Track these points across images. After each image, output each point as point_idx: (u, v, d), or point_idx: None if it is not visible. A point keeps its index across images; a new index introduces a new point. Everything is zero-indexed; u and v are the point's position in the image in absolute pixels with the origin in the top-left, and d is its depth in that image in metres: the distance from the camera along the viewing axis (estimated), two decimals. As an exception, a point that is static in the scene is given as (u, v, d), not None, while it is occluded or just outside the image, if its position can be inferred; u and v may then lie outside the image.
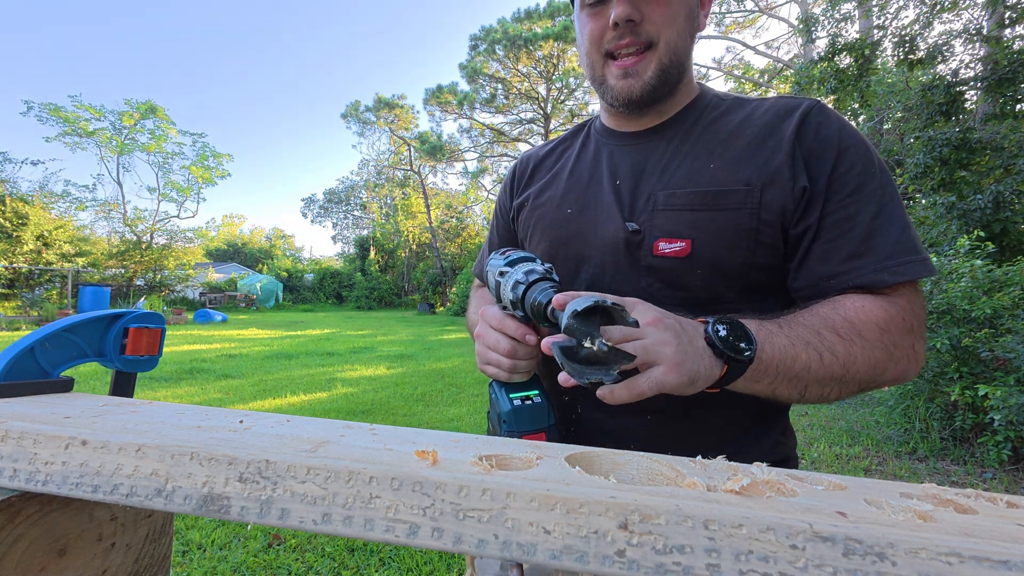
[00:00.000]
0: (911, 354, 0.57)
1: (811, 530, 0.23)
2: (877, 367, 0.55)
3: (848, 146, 0.62)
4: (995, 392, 2.84)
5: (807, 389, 0.55)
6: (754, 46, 18.53)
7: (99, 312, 0.56)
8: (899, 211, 0.60)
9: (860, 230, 0.59)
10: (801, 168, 0.61)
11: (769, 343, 0.53)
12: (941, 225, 5.13)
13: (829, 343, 0.54)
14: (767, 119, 0.66)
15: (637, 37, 0.65)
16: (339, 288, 28.24)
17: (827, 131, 0.63)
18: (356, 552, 2.16)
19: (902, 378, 0.58)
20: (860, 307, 0.57)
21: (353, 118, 28.67)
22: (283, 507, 0.29)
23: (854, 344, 0.55)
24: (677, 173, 0.67)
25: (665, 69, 0.67)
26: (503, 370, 0.64)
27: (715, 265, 0.63)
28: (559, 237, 0.75)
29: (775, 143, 0.63)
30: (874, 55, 6.35)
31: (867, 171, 0.61)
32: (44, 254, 16.32)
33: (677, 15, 0.66)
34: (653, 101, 0.70)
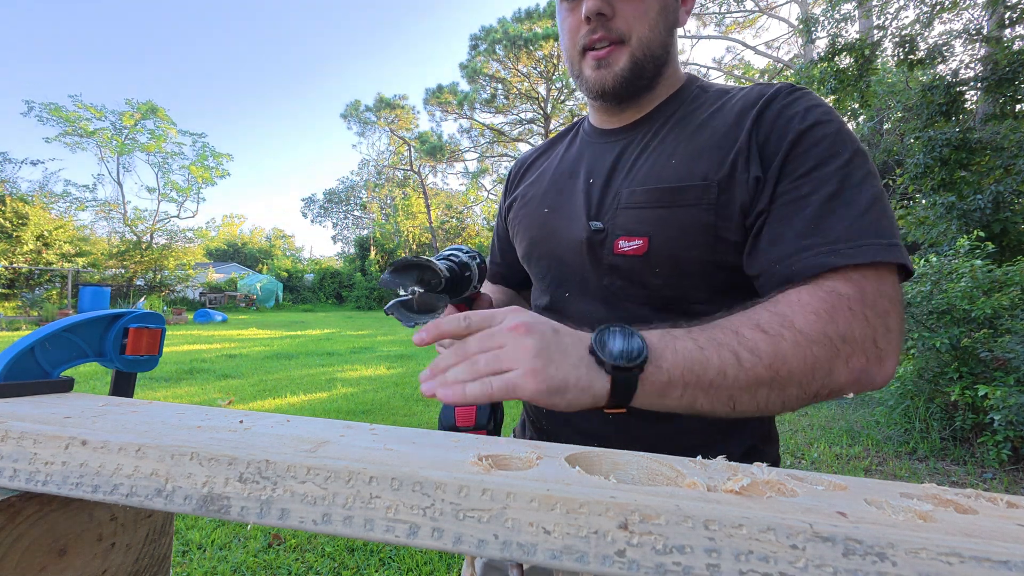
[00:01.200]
0: (871, 350, 0.49)
1: (811, 530, 0.23)
2: (819, 365, 0.48)
3: (811, 124, 0.57)
4: (995, 392, 2.84)
5: (734, 399, 0.48)
6: (754, 46, 18.53)
7: (99, 312, 0.56)
8: (863, 194, 0.53)
9: (811, 211, 0.54)
10: (755, 155, 0.58)
11: (670, 349, 0.47)
12: (941, 225, 5.13)
13: (749, 342, 0.48)
14: (736, 109, 0.63)
15: (609, 32, 0.65)
16: (339, 288, 28.24)
17: (790, 112, 0.59)
18: (356, 552, 2.16)
19: (865, 380, 0.49)
20: (797, 299, 0.50)
21: (353, 118, 28.68)
22: (283, 507, 0.29)
23: (782, 340, 0.48)
24: (642, 170, 0.67)
25: (638, 63, 0.67)
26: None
27: (674, 263, 0.62)
28: (536, 236, 0.76)
29: (736, 133, 0.61)
30: (874, 55, 6.35)
31: (831, 151, 0.56)
32: (44, 254, 16.33)
33: (650, 10, 0.65)
34: (628, 94, 0.69)
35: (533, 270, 0.80)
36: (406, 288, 0.58)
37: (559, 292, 0.74)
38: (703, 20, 18.46)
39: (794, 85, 0.63)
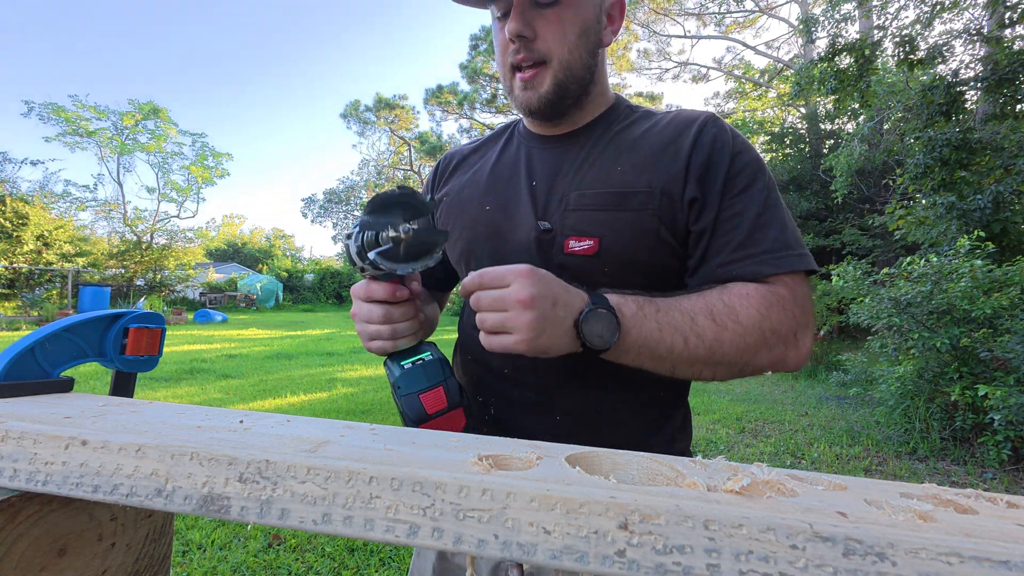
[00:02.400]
0: (791, 341, 0.61)
1: (811, 530, 0.23)
2: (747, 351, 0.59)
3: (739, 151, 0.67)
4: (995, 392, 2.84)
5: (675, 368, 0.60)
6: (754, 46, 18.53)
7: (99, 312, 0.56)
8: (780, 212, 0.65)
9: (747, 226, 0.64)
10: (693, 179, 0.66)
11: (637, 329, 0.57)
12: (941, 225, 5.13)
13: (700, 328, 0.58)
14: (669, 130, 0.70)
15: (531, 53, 0.68)
16: (339, 288, 28.22)
17: (722, 140, 0.68)
18: (356, 552, 2.16)
19: (781, 364, 0.62)
20: (744, 293, 0.61)
21: (353, 118, 28.67)
22: (283, 507, 0.29)
23: (725, 330, 0.58)
24: (588, 174, 0.70)
25: (561, 84, 0.69)
26: (385, 339, 0.63)
27: (622, 263, 0.67)
28: (478, 233, 0.77)
29: (675, 151, 0.68)
30: (874, 55, 6.34)
31: (755, 174, 0.66)
32: (44, 254, 16.32)
33: (568, 34, 0.67)
34: (555, 113, 0.73)
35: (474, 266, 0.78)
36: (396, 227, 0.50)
37: None
38: (703, 20, 18.47)
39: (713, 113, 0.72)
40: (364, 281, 0.63)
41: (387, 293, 0.61)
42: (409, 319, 0.64)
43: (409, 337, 0.64)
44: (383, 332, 0.63)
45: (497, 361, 0.75)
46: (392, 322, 0.63)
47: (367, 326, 0.64)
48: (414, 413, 0.59)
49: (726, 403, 4.96)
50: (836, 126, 12.79)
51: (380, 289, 0.62)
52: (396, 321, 0.63)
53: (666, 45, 20.05)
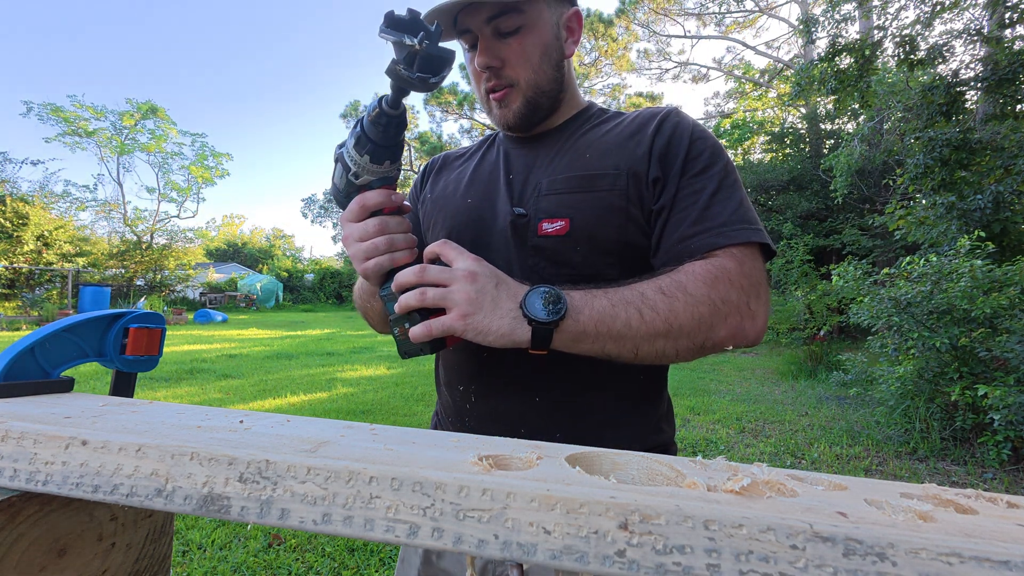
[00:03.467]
0: (745, 312, 0.62)
1: (811, 530, 0.23)
2: (703, 321, 0.59)
3: (698, 137, 0.71)
4: (995, 392, 2.84)
5: (638, 348, 0.59)
6: (754, 46, 18.53)
7: (99, 312, 0.56)
8: (737, 192, 0.68)
9: (702, 202, 0.67)
10: (656, 161, 0.70)
11: (588, 306, 0.58)
12: (941, 225, 5.13)
13: (651, 301, 0.59)
14: (635, 123, 0.76)
15: (500, 79, 0.74)
16: (339, 288, 28.21)
17: (682, 127, 0.72)
18: (356, 552, 2.16)
19: (739, 335, 0.62)
20: (690, 269, 0.63)
21: (353, 118, 28.68)
22: (283, 507, 0.29)
23: (676, 300, 0.59)
24: (559, 164, 0.75)
25: (530, 101, 0.75)
26: (382, 253, 0.61)
27: (592, 242, 0.69)
28: (459, 222, 0.80)
29: (640, 138, 0.73)
30: (874, 55, 6.34)
31: (713, 157, 0.70)
32: (44, 254, 16.32)
33: (532, 56, 0.73)
34: (531, 125, 0.78)
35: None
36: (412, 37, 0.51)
37: None
38: (703, 20, 18.47)
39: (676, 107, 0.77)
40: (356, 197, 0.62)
41: (382, 198, 0.60)
42: (406, 231, 0.63)
43: (406, 252, 0.63)
44: (379, 245, 0.61)
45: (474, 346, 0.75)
46: (389, 232, 0.61)
47: (360, 244, 0.62)
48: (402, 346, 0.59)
49: (726, 403, 4.96)
50: (836, 126, 12.79)
51: (374, 196, 0.60)
52: (393, 231, 0.62)
53: (666, 45, 20.05)
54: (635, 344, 0.59)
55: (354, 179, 0.60)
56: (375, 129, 0.57)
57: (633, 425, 0.74)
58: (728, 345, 0.62)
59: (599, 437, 0.71)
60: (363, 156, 0.58)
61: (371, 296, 0.78)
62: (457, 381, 0.79)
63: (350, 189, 0.62)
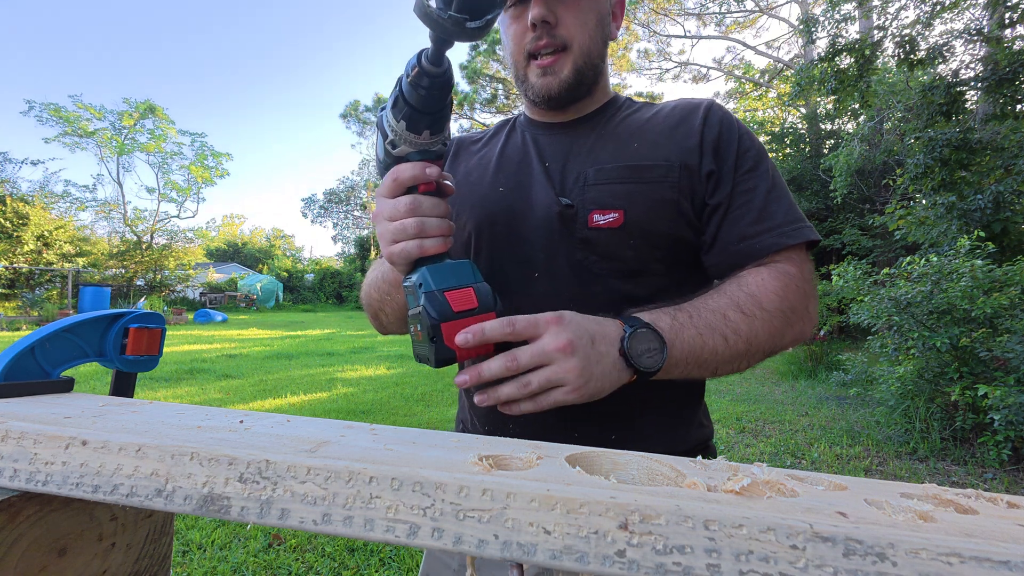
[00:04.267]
0: (806, 315, 0.64)
1: (811, 530, 0.23)
2: (776, 334, 0.61)
3: (745, 133, 0.71)
4: (995, 392, 2.83)
5: (717, 369, 0.60)
6: (754, 46, 18.52)
7: (99, 312, 0.56)
8: (786, 190, 0.69)
9: (760, 201, 0.67)
10: (709, 153, 0.68)
11: (680, 339, 0.57)
12: (941, 225, 5.13)
13: (733, 324, 0.59)
14: (676, 113, 0.73)
15: (553, 39, 0.68)
16: (339, 288, 28.21)
17: (729, 121, 0.71)
18: (356, 552, 2.16)
19: (800, 338, 0.65)
20: (760, 281, 0.63)
21: (353, 118, 28.65)
22: (283, 507, 0.29)
23: (755, 319, 0.60)
24: (603, 152, 0.71)
25: (580, 70, 0.70)
26: (411, 236, 0.54)
27: (646, 235, 0.67)
28: (489, 214, 0.74)
29: (686, 129, 0.70)
30: (874, 55, 6.34)
31: (760, 154, 0.70)
32: (44, 254, 16.33)
33: (588, 20, 0.69)
34: (571, 100, 0.74)
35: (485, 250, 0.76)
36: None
37: (522, 272, 0.71)
38: (703, 20, 18.46)
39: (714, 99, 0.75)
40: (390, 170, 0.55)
41: (417, 170, 0.53)
42: (440, 214, 0.55)
43: (438, 239, 0.55)
44: (408, 227, 0.53)
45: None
46: (420, 214, 0.54)
47: (389, 224, 0.55)
48: (437, 310, 0.50)
49: (726, 403, 4.96)
50: (836, 126, 12.79)
51: (408, 170, 0.53)
52: (425, 213, 0.54)
53: (666, 45, 20.03)
54: (716, 366, 0.60)
55: (391, 148, 0.53)
56: (413, 92, 0.48)
57: (678, 428, 0.72)
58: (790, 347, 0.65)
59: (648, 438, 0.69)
60: (399, 122, 0.50)
61: (392, 287, 0.70)
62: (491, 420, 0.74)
63: (388, 160, 0.55)
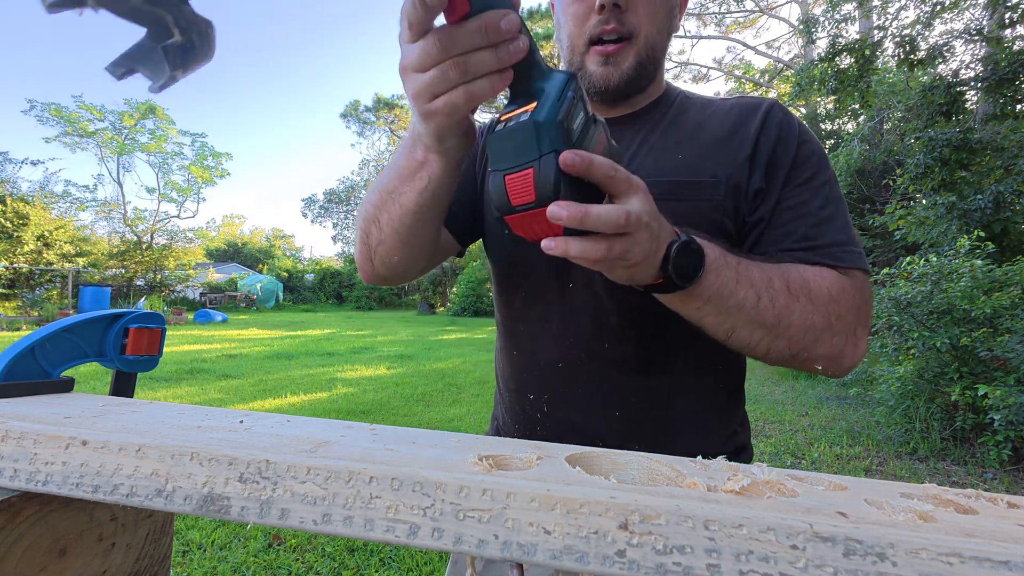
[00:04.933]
0: (851, 337, 0.58)
1: (811, 530, 0.23)
2: (811, 331, 0.56)
3: (805, 140, 0.65)
4: (995, 392, 2.83)
5: (734, 328, 0.55)
6: (754, 46, 18.52)
7: (99, 312, 0.56)
8: (844, 209, 0.64)
9: (811, 217, 0.62)
10: (760, 168, 0.64)
11: (716, 273, 0.52)
12: (941, 225, 5.13)
13: (773, 291, 0.55)
14: (732, 116, 0.68)
15: (621, 25, 0.64)
16: (339, 288, 28.23)
17: (789, 128, 0.66)
18: (356, 552, 2.16)
19: (837, 358, 0.58)
20: (819, 272, 0.59)
21: (353, 118, 28.67)
22: (283, 507, 0.29)
23: (797, 300, 0.55)
24: (645, 162, 0.68)
25: (643, 63, 0.66)
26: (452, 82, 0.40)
27: None
28: None
29: (740, 139, 0.65)
30: (874, 55, 6.34)
31: (820, 165, 0.65)
32: (44, 254, 16.33)
33: (659, 11, 0.65)
34: (629, 93, 0.69)
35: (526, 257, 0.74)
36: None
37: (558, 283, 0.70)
38: (703, 20, 18.45)
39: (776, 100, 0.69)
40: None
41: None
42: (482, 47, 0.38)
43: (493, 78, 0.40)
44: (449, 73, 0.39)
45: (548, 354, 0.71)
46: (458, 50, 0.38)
47: (420, 76, 0.41)
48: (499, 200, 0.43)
49: (726, 403, 4.96)
50: (836, 126, 12.78)
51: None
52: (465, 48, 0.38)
53: (666, 45, 20.03)
54: (734, 325, 0.55)
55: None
56: None
57: (713, 434, 0.70)
58: (820, 365, 0.58)
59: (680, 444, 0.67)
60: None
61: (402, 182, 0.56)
62: (527, 389, 0.73)
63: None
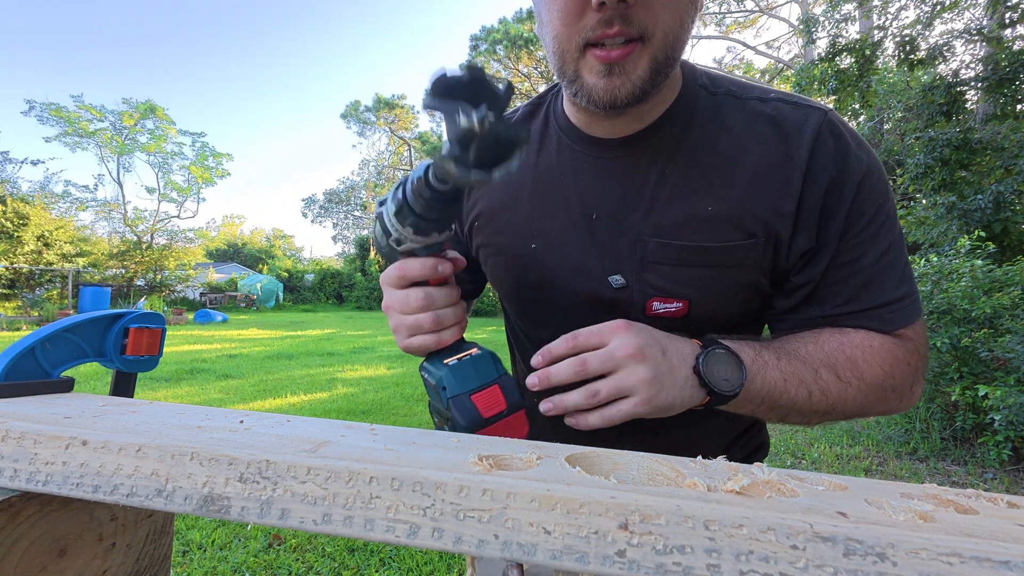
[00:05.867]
0: (907, 395, 0.57)
1: (812, 530, 0.23)
2: (866, 406, 0.55)
3: (866, 172, 0.54)
4: (995, 392, 2.83)
5: (787, 416, 0.55)
6: (755, 46, 18.52)
7: (99, 312, 0.56)
8: (901, 248, 0.56)
9: (863, 274, 0.55)
10: (810, 225, 0.54)
11: (761, 376, 0.51)
12: (942, 225, 5.13)
13: (824, 383, 0.53)
14: (772, 144, 0.54)
15: (628, 26, 0.47)
16: (339, 288, 28.20)
17: (842, 158, 0.53)
18: (356, 552, 2.16)
19: (891, 412, 0.58)
20: (868, 347, 0.54)
21: (353, 118, 28.68)
22: (283, 507, 0.29)
23: (849, 387, 0.53)
24: (668, 212, 0.56)
25: (659, 68, 0.50)
26: (427, 331, 0.51)
27: (713, 321, 0.60)
28: (525, 279, 0.64)
29: (783, 181, 0.53)
30: (875, 55, 6.34)
31: (880, 203, 0.54)
32: (45, 254, 16.33)
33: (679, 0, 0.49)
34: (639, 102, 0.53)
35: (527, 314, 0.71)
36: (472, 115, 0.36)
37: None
38: (703, 20, 18.45)
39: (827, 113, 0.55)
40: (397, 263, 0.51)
41: (427, 269, 0.49)
42: (453, 303, 0.52)
43: (454, 328, 0.53)
44: (424, 322, 0.51)
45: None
46: (434, 308, 0.51)
47: (404, 318, 0.52)
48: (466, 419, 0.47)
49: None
50: (836, 126, 12.76)
51: (418, 266, 0.49)
52: (439, 306, 0.51)
53: (666, 45, 20.02)
54: (787, 414, 0.54)
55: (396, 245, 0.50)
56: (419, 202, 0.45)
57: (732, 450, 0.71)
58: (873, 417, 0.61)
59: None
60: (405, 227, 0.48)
61: None
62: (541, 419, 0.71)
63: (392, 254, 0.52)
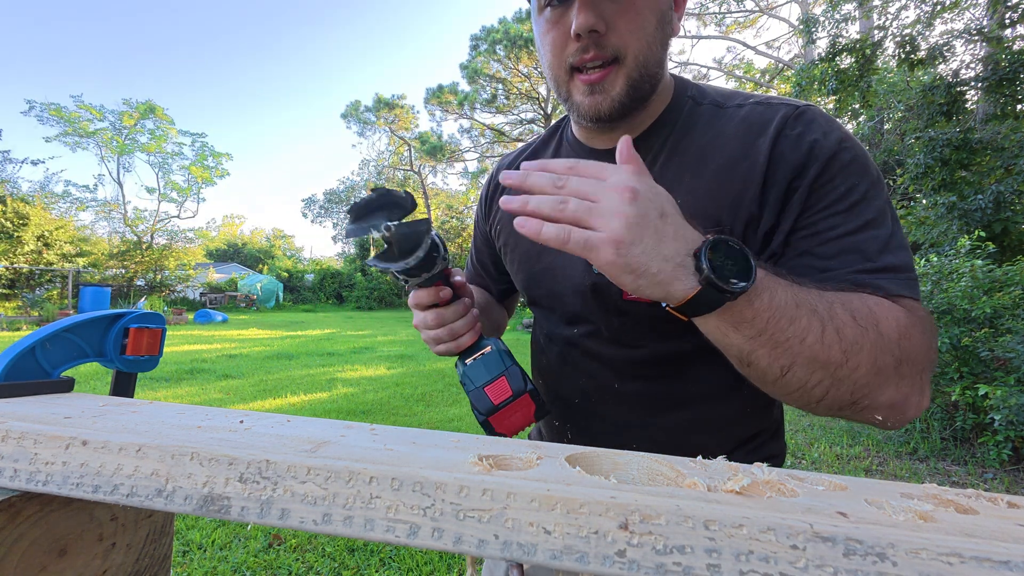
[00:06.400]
0: (918, 381, 0.47)
1: (812, 530, 0.23)
2: (880, 374, 0.45)
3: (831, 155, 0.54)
4: (995, 392, 2.83)
5: (790, 368, 0.45)
6: (754, 46, 18.51)
7: (99, 312, 0.56)
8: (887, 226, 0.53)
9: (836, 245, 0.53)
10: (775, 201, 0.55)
11: (770, 291, 0.43)
12: (942, 225, 5.13)
13: (839, 321, 0.45)
14: (740, 135, 0.59)
15: (602, 50, 0.57)
16: (339, 288, 28.20)
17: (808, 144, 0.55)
18: (356, 552, 2.16)
19: (901, 407, 0.47)
20: (881, 302, 0.48)
21: (353, 118, 28.66)
22: (283, 507, 0.29)
23: (866, 335, 0.45)
24: None
25: (635, 84, 0.59)
26: (446, 340, 0.64)
27: None
28: (534, 272, 0.74)
29: (745, 171, 0.57)
30: (875, 55, 6.34)
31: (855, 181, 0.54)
32: (45, 254, 16.34)
33: (647, 24, 0.57)
34: (623, 116, 0.63)
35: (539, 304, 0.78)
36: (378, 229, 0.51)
37: (571, 329, 0.72)
38: (703, 20, 18.45)
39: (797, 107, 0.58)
40: (411, 294, 0.65)
41: (431, 296, 0.62)
42: (461, 316, 0.64)
43: (468, 334, 0.65)
44: (442, 335, 0.64)
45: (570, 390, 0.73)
46: (446, 323, 0.64)
47: (427, 332, 0.65)
48: (482, 406, 0.61)
49: (726, 403, 4.96)
50: (836, 126, 12.76)
51: (424, 295, 0.62)
52: (450, 321, 0.64)
53: (666, 45, 20.01)
54: (790, 362, 0.45)
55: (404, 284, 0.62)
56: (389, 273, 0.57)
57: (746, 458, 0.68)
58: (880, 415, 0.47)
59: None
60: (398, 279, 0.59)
61: None
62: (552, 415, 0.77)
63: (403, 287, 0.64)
